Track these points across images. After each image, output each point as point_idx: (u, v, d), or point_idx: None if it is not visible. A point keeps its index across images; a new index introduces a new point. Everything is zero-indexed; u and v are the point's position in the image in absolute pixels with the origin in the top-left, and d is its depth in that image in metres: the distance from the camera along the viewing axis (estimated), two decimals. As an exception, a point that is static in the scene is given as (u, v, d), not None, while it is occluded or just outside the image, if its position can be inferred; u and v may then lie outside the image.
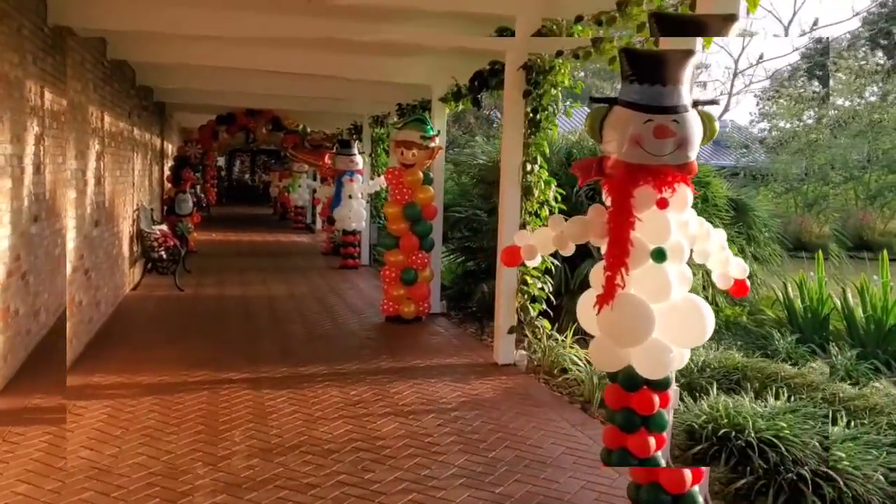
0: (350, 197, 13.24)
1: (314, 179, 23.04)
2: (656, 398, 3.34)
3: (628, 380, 3.36)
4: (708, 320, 3.29)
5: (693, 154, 3.20)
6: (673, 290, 3.26)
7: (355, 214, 13.28)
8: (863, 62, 27.45)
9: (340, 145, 13.40)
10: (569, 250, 3.67)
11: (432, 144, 8.35)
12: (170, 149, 16.71)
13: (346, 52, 8.78)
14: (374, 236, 14.01)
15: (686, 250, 3.33)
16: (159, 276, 10.19)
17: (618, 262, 3.17)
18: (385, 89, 10.94)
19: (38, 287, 6.12)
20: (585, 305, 3.47)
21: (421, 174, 8.41)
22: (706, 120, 3.22)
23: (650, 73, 3.16)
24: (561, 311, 7.33)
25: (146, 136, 11.99)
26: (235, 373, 6.19)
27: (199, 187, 20.02)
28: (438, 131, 8.65)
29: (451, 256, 10.38)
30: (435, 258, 8.89)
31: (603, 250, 3.30)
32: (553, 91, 6.26)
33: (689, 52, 3.26)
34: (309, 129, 15.43)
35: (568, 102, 6.75)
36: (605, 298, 3.19)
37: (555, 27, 6.08)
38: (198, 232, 15.32)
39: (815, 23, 46.93)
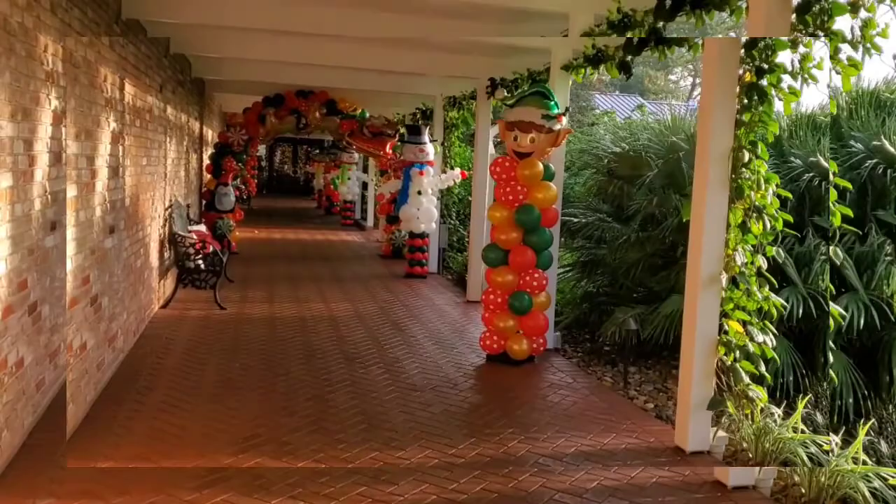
0: (419, 193, 11.17)
1: (364, 171, 21.11)
2: None
3: None
4: None
5: None
6: None
7: (425, 214, 11.21)
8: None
9: (409, 132, 11.32)
10: None
11: (557, 126, 6.21)
12: (210, 135, 14.83)
13: (423, 14, 6.88)
14: (444, 239, 11.91)
15: None
16: (196, 289, 8.23)
17: None
18: (474, 60, 8.84)
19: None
20: None
21: (541, 166, 6.28)
22: None
23: None
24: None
25: (182, 117, 10.05)
26: (303, 458, 4.17)
27: (240, 178, 18.18)
28: (567, 109, 6.51)
29: (562, 272, 8.25)
30: (552, 278, 6.75)
31: None
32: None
33: None
34: (368, 114, 13.37)
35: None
36: None
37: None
38: (239, 229, 13.42)
39: None
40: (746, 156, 4.26)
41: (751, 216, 4.34)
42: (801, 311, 5.32)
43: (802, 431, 4.24)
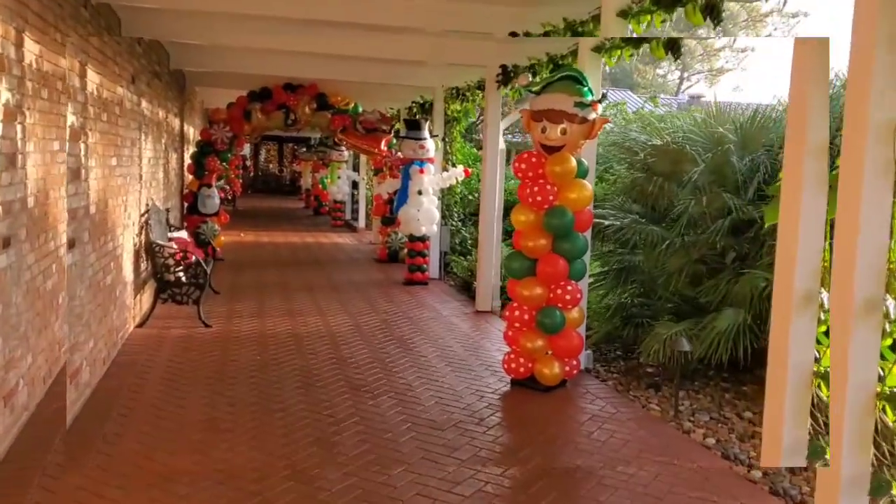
0: (420, 193, 10.31)
1: (354, 170, 20.23)
2: None
3: None
4: None
5: None
6: None
7: (426, 215, 10.35)
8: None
9: (407, 126, 10.45)
10: None
11: (592, 115, 5.38)
12: (192, 133, 13.89)
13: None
14: (445, 242, 11.06)
15: None
16: (177, 304, 7.32)
17: None
18: (481, 46, 8.01)
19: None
20: None
21: (574, 162, 5.45)
22: None
23: None
24: None
25: (160, 112, 9.14)
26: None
27: (224, 179, 17.23)
28: (605, 94, 5.68)
29: (591, 282, 7.43)
30: (584, 290, 5.92)
31: None
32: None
33: None
34: (361, 109, 12.49)
35: None
36: None
37: None
38: (225, 232, 12.52)
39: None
40: None
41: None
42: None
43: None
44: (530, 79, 5.64)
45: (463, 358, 6.52)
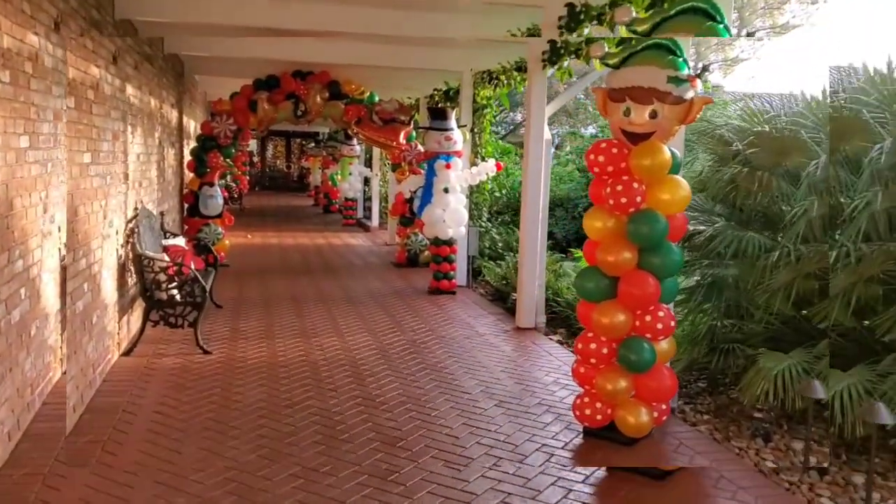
0: (446, 190, 9.15)
1: (367, 166, 19.09)
2: None
3: None
4: None
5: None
6: None
7: (453, 215, 9.21)
8: None
9: (432, 116, 9.28)
10: None
11: (690, 93, 4.19)
12: (192, 126, 12.76)
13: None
14: (473, 246, 9.89)
15: None
16: (170, 327, 6.19)
17: None
18: (523, 17, 6.83)
19: None
20: None
21: (668, 153, 4.27)
22: None
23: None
24: None
25: (152, 101, 7.98)
26: None
27: (229, 176, 16.11)
28: (705, 68, 4.53)
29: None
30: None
31: None
32: None
33: None
34: (377, 98, 11.32)
35: None
36: None
37: None
38: (230, 233, 11.41)
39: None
40: None
41: None
42: None
43: None
44: (606, 49, 4.48)
45: (515, 394, 5.35)
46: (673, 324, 4.40)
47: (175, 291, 6.10)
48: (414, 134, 11.54)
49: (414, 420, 4.75)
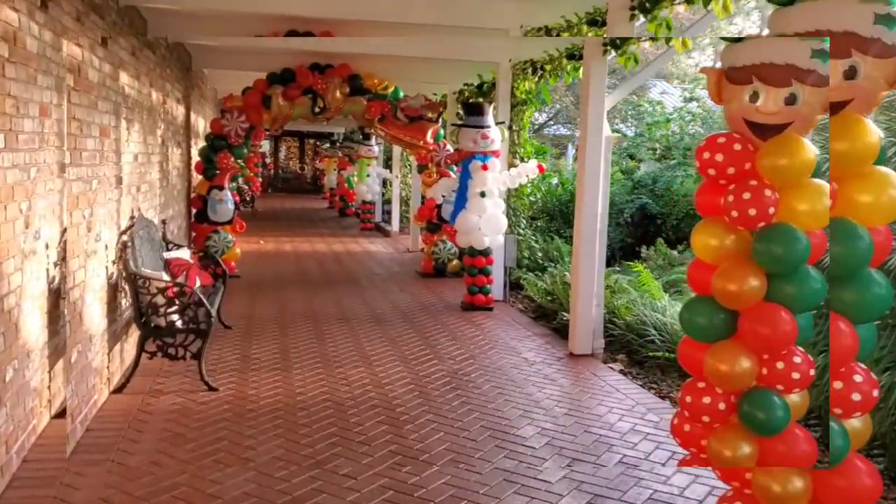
0: (482, 195, 8.16)
1: (386, 167, 18.16)
2: None
3: None
4: None
5: None
6: None
7: (489, 222, 8.20)
8: None
9: (467, 111, 8.29)
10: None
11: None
12: (201, 124, 11.85)
13: None
14: (511, 256, 8.90)
15: None
16: (170, 359, 5.24)
17: None
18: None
19: None
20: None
21: (810, 150, 3.26)
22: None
23: None
24: None
25: (153, 94, 7.04)
26: None
27: (241, 178, 15.19)
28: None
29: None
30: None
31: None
32: None
33: None
34: (402, 93, 10.35)
35: None
36: None
37: None
38: (242, 239, 10.49)
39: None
40: None
41: None
42: None
43: None
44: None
45: (588, 448, 4.35)
46: (812, 372, 3.38)
47: (175, 317, 5.14)
48: (442, 132, 10.58)
49: (466, 491, 3.76)
